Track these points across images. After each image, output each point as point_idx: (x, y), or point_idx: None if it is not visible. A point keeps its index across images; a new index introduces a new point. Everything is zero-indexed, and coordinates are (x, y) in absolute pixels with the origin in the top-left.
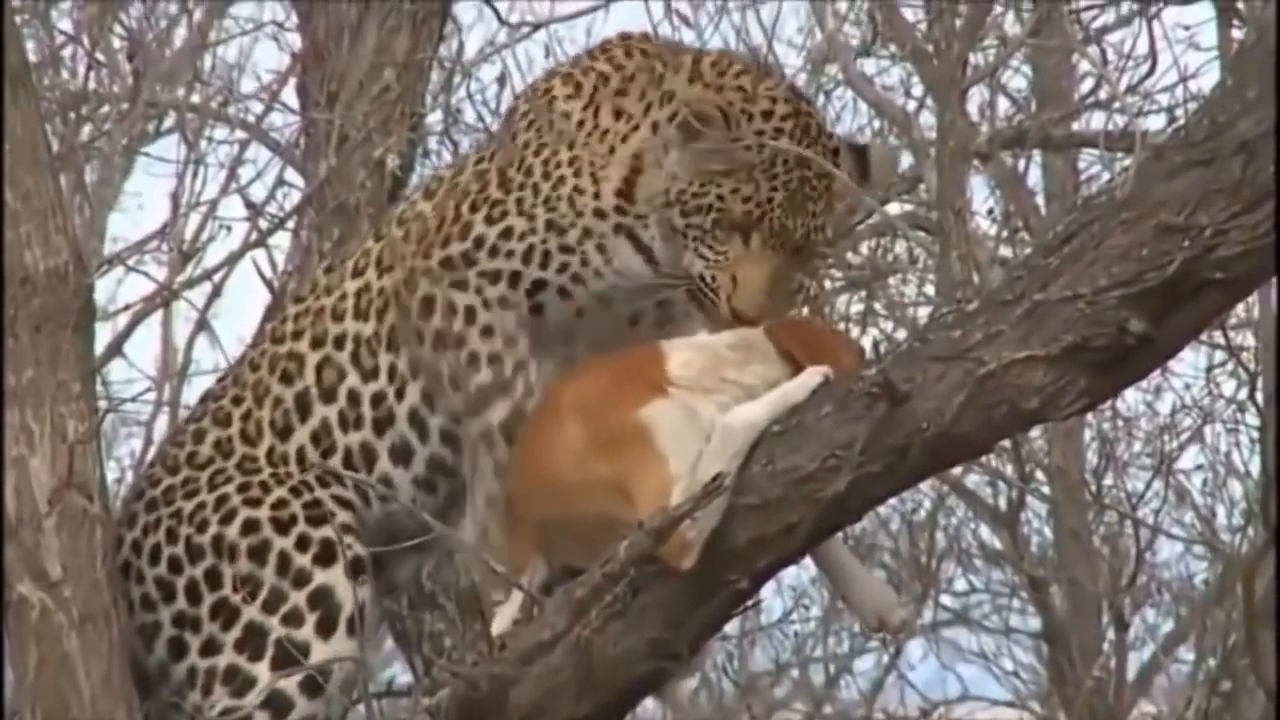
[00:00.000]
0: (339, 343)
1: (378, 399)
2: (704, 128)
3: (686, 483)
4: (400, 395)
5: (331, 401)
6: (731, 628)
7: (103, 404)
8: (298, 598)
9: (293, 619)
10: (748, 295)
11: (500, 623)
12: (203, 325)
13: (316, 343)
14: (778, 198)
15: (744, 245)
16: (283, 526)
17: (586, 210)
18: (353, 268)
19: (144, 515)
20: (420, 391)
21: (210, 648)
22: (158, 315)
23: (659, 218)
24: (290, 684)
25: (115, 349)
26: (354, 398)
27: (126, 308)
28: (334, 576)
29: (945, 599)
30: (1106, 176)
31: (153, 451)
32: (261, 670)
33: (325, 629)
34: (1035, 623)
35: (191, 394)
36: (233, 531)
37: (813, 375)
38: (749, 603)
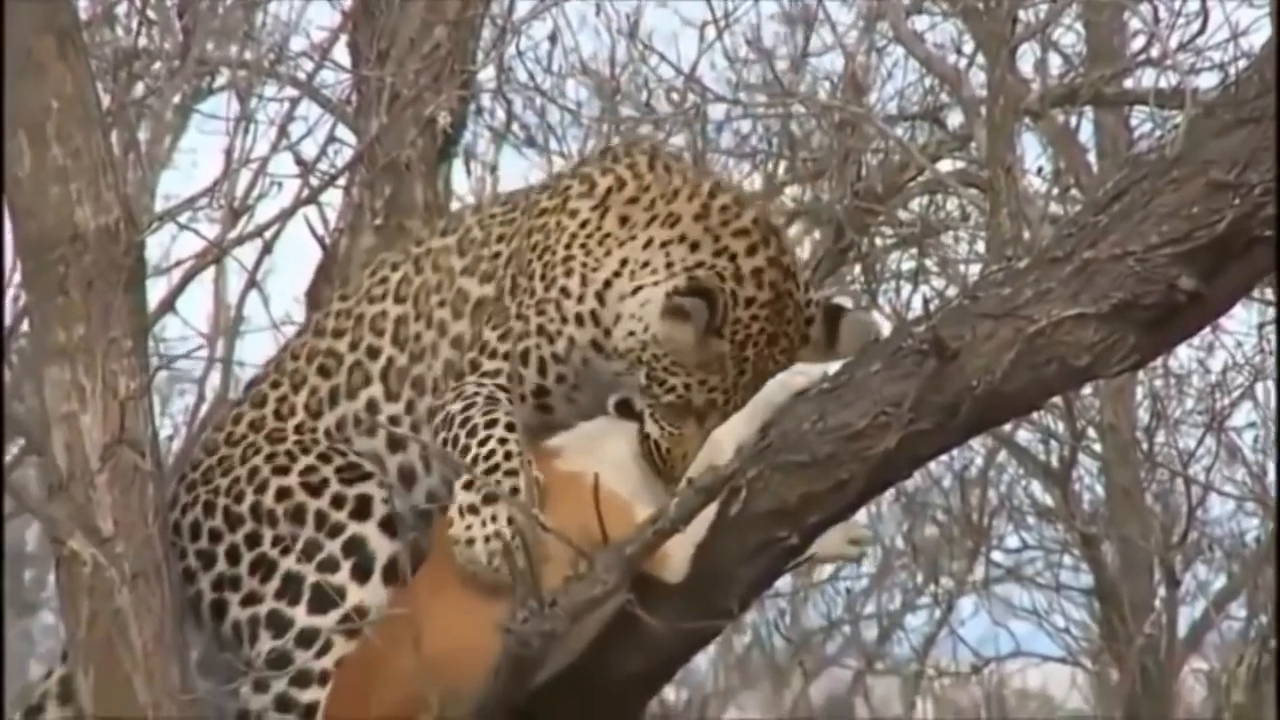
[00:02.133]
0: (373, 354)
1: (393, 421)
2: (687, 321)
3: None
4: (414, 429)
5: (354, 399)
6: (783, 584)
7: (154, 361)
8: (332, 547)
9: (328, 566)
10: (698, 469)
11: None
12: (253, 283)
13: (353, 346)
14: (743, 380)
15: (699, 426)
16: (314, 490)
17: (570, 316)
18: (395, 291)
19: (184, 496)
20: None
21: (250, 599)
22: (209, 272)
23: (627, 362)
24: (330, 625)
25: (168, 305)
26: (372, 406)
27: (178, 264)
28: (367, 529)
29: (997, 556)
30: (1158, 134)
31: (204, 409)
32: (299, 613)
33: (360, 575)
34: (1087, 579)
35: (243, 350)
36: (268, 499)
37: (793, 376)
38: (800, 559)
